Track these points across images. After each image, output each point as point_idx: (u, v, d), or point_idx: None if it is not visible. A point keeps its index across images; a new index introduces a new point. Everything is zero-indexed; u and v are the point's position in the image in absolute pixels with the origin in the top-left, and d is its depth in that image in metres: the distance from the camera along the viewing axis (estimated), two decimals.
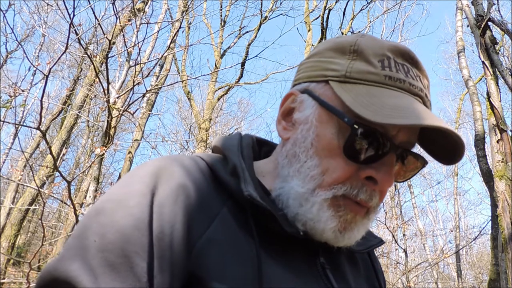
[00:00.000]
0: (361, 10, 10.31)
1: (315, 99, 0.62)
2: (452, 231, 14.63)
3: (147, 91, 4.59)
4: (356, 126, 0.57)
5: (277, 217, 0.57)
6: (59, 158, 8.47)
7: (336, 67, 0.62)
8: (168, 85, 9.56)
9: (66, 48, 3.33)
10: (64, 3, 3.49)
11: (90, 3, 3.68)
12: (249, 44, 10.76)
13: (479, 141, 5.06)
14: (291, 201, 0.60)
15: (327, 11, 9.55)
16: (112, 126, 4.12)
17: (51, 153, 3.44)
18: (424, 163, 0.65)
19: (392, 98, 0.58)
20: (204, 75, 7.60)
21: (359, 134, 0.57)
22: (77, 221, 3.63)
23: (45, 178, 7.19)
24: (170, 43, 6.00)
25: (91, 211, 0.53)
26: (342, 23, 9.93)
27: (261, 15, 10.61)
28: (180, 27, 6.51)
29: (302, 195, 0.60)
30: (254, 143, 0.73)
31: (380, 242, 0.74)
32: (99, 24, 3.97)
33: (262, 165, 0.70)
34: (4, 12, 3.51)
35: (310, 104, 0.63)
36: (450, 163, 0.65)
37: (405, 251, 7.90)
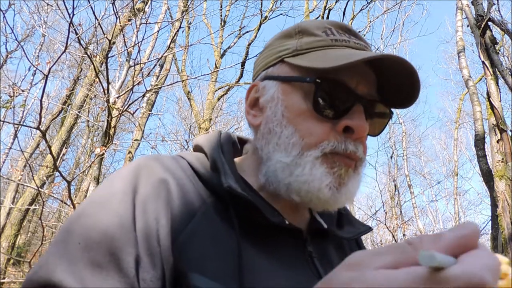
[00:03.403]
0: (361, 10, 10.31)
1: (275, 79, 0.66)
2: None
3: (147, 91, 4.59)
4: (318, 81, 0.61)
5: (260, 207, 0.57)
6: (59, 158, 8.47)
7: (287, 46, 0.67)
8: (168, 85, 9.56)
9: (66, 48, 3.32)
10: (64, 3, 3.49)
11: (90, 3, 3.68)
12: (249, 44, 10.75)
13: (479, 141, 5.06)
14: (280, 173, 0.62)
15: (327, 11, 9.56)
16: (112, 126, 4.12)
17: (51, 153, 3.44)
18: (389, 110, 0.68)
19: (341, 51, 0.63)
20: (204, 75, 7.60)
21: (323, 89, 0.61)
22: None
23: (45, 178, 7.19)
24: (170, 43, 6.00)
25: (73, 215, 0.53)
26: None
27: (261, 15, 10.60)
28: (180, 27, 6.51)
29: (290, 163, 0.61)
30: (235, 141, 0.75)
31: (369, 229, 0.75)
32: (99, 24, 3.97)
33: (242, 160, 0.71)
34: (4, 12, 3.51)
35: (272, 85, 0.67)
36: (410, 100, 0.67)
37: None
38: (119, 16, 4.24)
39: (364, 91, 0.63)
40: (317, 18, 10.23)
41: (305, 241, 0.63)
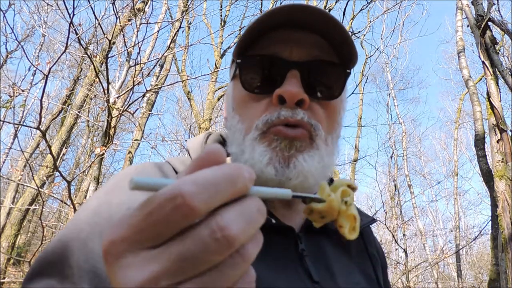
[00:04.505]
0: (361, 10, 10.29)
1: (230, 80, 0.70)
2: (452, 231, 14.61)
3: (147, 91, 4.59)
4: (239, 60, 0.61)
5: None
6: (59, 158, 8.47)
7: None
8: (168, 85, 9.56)
9: (66, 48, 3.32)
10: (64, 3, 3.48)
11: (90, 3, 3.67)
12: None
13: (479, 141, 5.06)
14: None
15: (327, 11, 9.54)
16: (112, 126, 4.12)
17: (51, 153, 3.44)
18: (341, 66, 0.64)
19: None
20: (204, 75, 7.59)
21: (247, 67, 0.61)
22: None
23: (45, 178, 7.18)
24: (170, 43, 6.00)
25: None
26: (342, 23, 9.92)
27: None
28: (180, 27, 6.50)
29: (238, 153, 0.60)
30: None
31: (372, 220, 0.72)
32: (99, 24, 3.97)
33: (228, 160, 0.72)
34: (4, 12, 3.51)
35: (229, 86, 0.71)
36: (347, 45, 0.63)
37: (405, 251, 7.91)
38: (119, 16, 4.23)
39: (301, 55, 0.61)
40: None
41: (298, 239, 0.61)
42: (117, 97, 4.55)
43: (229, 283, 0.26)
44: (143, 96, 4.99)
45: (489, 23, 5.01)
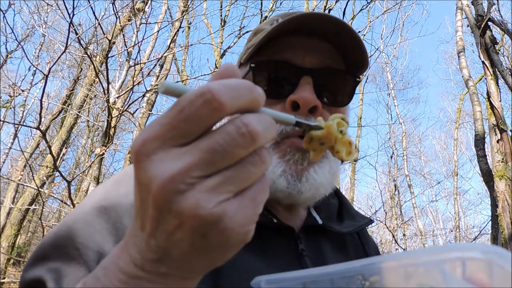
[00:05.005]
0: (361, 10, 10.30)
1: None
2: (452, 231, 14.61)
3: (147, 91, 4.59)
4: (253, 65, 0.62)
5: None
6: (59, 158, 8.46)
7: (243, 50, 0.70)
8: None
9: (66, 47, 3.32)
10: (64, 3, 3.48)
11: (90, 3, 3.67)
12: None
13: (479, 141, 5.06)
14: None
15: (327, 11, 9.55)
16: (112, 126, 4.12)
17: (51, 153, 3.44)
18: (351, 73, 0.65)
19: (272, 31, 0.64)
20: (204, 75, 7.59)
21: (260, 72, 0.62)
22: None
23: (45, 178, 7.17)
24: (170, 43, 6.00)
25: None
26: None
27: (261, 15, 10.60)
28: (180, 27, 6.51)
29: None
30: None
31: (369, 221, 0.73)
32: (99, 24, 3.97)
33: None
34: (4, 12, 3.51)
35: None
36: (360, 53, 0.65)
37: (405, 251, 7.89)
38: (119, 16, 4.23)
39: (313, 62, 0.62)
40: None
41: (298, 239, 0.62)
42: (117, 97, 4.55)
43: (250, 179, 0.29)
44: (143, 96, 4.99)
45: (489, 23, 5.01)
